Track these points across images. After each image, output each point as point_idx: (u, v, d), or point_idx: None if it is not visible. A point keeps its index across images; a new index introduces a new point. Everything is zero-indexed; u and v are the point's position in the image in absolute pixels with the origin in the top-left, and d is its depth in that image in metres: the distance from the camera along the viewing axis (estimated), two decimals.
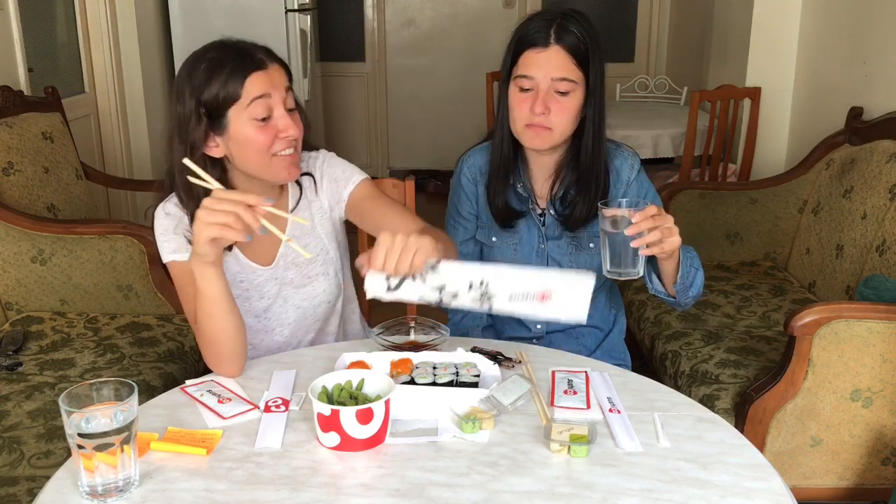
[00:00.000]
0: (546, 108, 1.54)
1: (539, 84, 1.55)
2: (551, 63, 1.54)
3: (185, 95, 1.42)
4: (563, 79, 1.54)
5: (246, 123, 1.42)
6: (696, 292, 1.57)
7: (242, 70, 1.41)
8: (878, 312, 1.77)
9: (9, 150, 2.49)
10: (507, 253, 1.75)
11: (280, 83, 1.44)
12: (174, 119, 1.45)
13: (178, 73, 1.47)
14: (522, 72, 1.56)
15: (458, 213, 1.80)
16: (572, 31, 1.54)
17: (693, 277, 1.53)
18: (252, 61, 1.42)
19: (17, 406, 1.84)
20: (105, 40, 3.60)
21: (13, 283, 2.34)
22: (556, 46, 1.54)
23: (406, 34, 5.74)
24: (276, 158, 1.45)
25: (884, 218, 2.21)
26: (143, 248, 2.34)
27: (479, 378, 1.33)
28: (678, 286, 1.52)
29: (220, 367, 1.41)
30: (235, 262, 1.57)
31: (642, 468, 1.12)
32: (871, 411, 1.83)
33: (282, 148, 1.44)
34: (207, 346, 1.40)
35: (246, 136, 1.42)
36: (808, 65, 3.34)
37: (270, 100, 1.42)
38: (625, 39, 5.64)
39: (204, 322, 1.37)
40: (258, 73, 1.42)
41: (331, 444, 1.16)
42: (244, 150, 1.44)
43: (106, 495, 1.06)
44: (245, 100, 1.41)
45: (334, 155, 1.65)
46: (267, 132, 1.43)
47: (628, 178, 1.68)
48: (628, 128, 3.72)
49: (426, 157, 5.77)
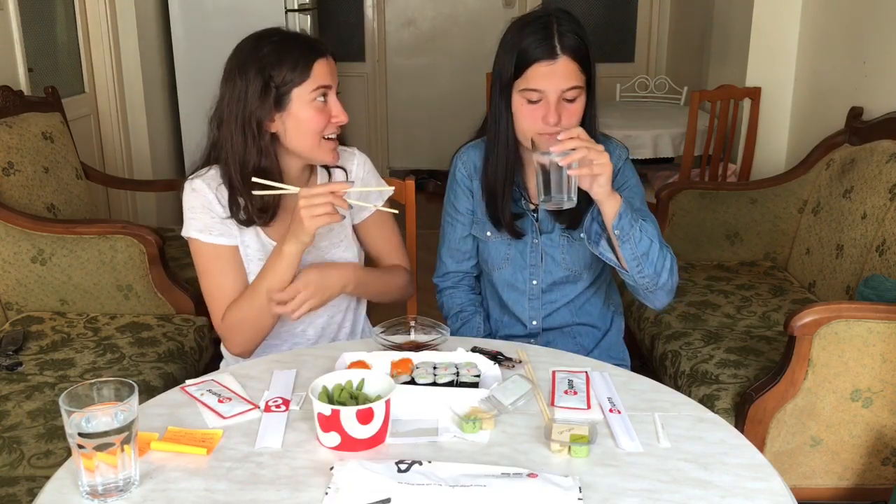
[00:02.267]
0: (559, 117, 1.54)
1: (549, 96, 1.54)
2: (561, 75, 1.53)
3: (248, 73, 1.51)
4: (572, 87, 1.54)
5: (308, 105, 1.53)
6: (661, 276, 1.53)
7: (311, 55, 1.52)
8: (878, 312, 1.77)
9: (9, 150, 2.49)
10: (502, 248, 1.76)
11: (335, 72, 1.56)
12: (229, 95, 1.54)
13: (236, 53, 1.57)
14: (531, 86, 1.55)
15: (454, 209, 1.80)
16: (572, 36, 1.54)
17: (647, 248, 1.50)
18: (317, 48, 1.55)
19: (17, 406, 1.84)
20: (105, 40, 3.60)
21: (13, 283, 2.34)
22: (564, 58, 1.53)
23: (406, 34, 5.74)
24: (325, 141, 1.56)
25: (884, 218, 2.21)
26: (143, 248, 2.34)
27: (480, 378, 1.33)
28: (626, 250, 1.49)
29: (245, 346, 1.61)
30: (257, 239, 1.62)
31: (642, 468, 1.12)
32: (871, 411, 1.83)
33: (332, 132, 1.56)
34: (249, 323, 1.56)
35: (306, 117, 1.53)
36: (808, 65, 3.34)
37: (330, 87, 1.54)
38: (625, 39, 5.64)
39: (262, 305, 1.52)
40: (323, 60, 1.54)
41: (331, 444, 1.16)
42: (299, 129, 1.54)
43: (106, 495, 1.06)
44: (312, 83, 1.52)
45: (369, 160, 1.76)
46: (323, 115, 1.54)
47: (615, 166, 1.67)
48: (628, 128, 3.72)
49: (426, 157, 5.76)
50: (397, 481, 1.06)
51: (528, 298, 1.78)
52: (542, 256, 1.74)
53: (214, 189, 1.58)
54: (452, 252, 1.84)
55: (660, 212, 2.81)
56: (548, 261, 1.73)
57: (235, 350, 1.62)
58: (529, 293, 1.77)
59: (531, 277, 1.76)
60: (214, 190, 1.58)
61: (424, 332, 1.50)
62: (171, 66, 4.05)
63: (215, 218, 1.57)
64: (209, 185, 1.58)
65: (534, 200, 1.72)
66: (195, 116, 4.02)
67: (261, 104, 1.51)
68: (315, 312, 1.66)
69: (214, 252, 1.58)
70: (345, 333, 1.76)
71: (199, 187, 1.58)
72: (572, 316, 1.79)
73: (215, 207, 1.57)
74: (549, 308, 1.78)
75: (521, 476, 1.08)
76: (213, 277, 1.59)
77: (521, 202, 1.72)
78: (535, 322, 1.79)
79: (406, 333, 1.50)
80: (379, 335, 1.47)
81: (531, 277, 1.76)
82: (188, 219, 1.58)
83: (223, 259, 1.59)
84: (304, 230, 1.44)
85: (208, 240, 1.57)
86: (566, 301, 1.77)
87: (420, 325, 1.51)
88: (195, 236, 1.57)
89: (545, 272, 1.74)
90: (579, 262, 1.73)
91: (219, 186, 1.58)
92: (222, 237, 1.58)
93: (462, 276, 1.87)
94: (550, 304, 1.77)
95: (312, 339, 1.72)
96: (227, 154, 1.54)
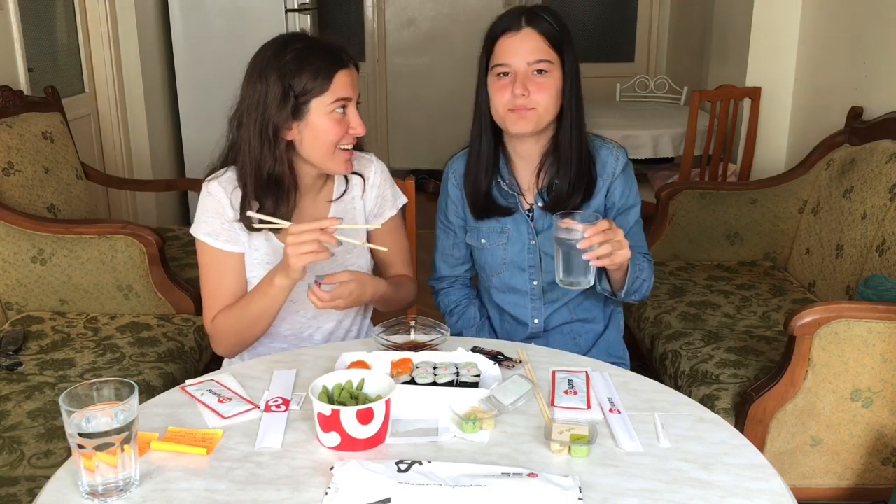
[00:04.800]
0: (525, 89, 1.57)
1: (517, 69, 1.58)
2: (525, 46, 1.58)
3: (269, 77, 1.50)
4: (539, 60, 1.58)
5: (326, 115, 1.51)
6: (639, 297, 1.66)
7: (332, 66, 1.51)
8: (878, 312, 1.77)
9: (9, 150, 2.49)
10: (498, 254, 1.76)
11: (356, 83, 1.55)
12: (249, 98, 1.53)
13: (260, 53, 1.55)
14: (499, 60, 1.59)
15: (446, 218, 1.82)
16: (542, 17, 1.60)
17: (639, 286, 1.63)
18: (339, 59, 1.52)
19: (17, 406, 1.84)
20: (105, 40, 3.59)
21: (13, 283, 2.34)
22: (528, 28, 1.58)
23: (406, 34, 5.74)
24: (339, 151, 1.55)
25: (884, 218, 2.21)
26: (143, 248, 2.34)
27: (480, 378, 1.33)
28: (622, 294, 1.61)
29: (229, 351, 1.64)
30: (267, 244, 1.62)
31: (643, 468, 1.12)
32: (871, 411, 1.83)
33: (348, 143, 1.55)
34: (235, 335, 1.59)
35: (323, 127, 1.52)
36: (808, 65, 3.34)
37: (350, 99, 1.53)
38: (625, 39, 5.64)
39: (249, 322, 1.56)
40: (345, 71, 1.52)
41: (331, 444, 1.16)
42: (315, 139, 1.53)
43: (106, 495, 1.06)
44: (331, 95, 1.51)
45: (385, 168, 1.75)
46: (341, 126, 1.53)
47: (614, 170, 1.70)
48: (628, 128, 3.72)
49: (426, 157, 5.76)
50: (397, 481, 1.06)
51: (529, 299, 1.78)
52: (540, 256, 1.74)
53: (230, 193, 1.58)
54: (446, 258, 1.86)
55: (660, 212, 2.82)
56: (546, 260, 1.73)
57: (219, 351, 1.65)
58: (531, 294, 1.77)
59: (531, 279, 1.76)
60: (230, 194, 1.58)
61: (424, 332, 1.50)
62: (171, 66, 4.05)
63: (225, 224, 1.58)
64: (225, 189, 1.58)
65: (528, 200, 1.73)
66: (195, 116, 4.06)
67: (279, 111, 1.50)
68: (327, 318, 1.69)
69: (217, 257, 1.59)
70: (351, 337, 1.77)
71: (216, 191, 1.58)
72: (571, 313, 1.79)
73: (227, 213, 1.58)
74: (551, 308, 1.78)
75: (521, 476, 1.08)
76: (211, 279, 1.61)
77: (516, 201, 1.72)
78: (538, 321, 1.79)
79: (406, 333, 1.50)
80: (379, 335, 1.47)
81: (531, 279, 1.76)
82: (199, 220, 1.59)
83: (225, 265, 1.60)
84: (292, 267, 1.42)
85: (214, 244, 1.58)
86: (567, 299, 1.77)
87: (420, 325, 1.51)
88: (202, 239, 1.59)
89: (545, 272, 1.74)
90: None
91: (234, 189, 1.58)
92: (228, 244, 1.59)
93: (455, 279, 1.89)
94: (552, 303, 1.77)
95: (319, 343, 1.73)
96: (244, 156, 1.55)
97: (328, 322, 1.72)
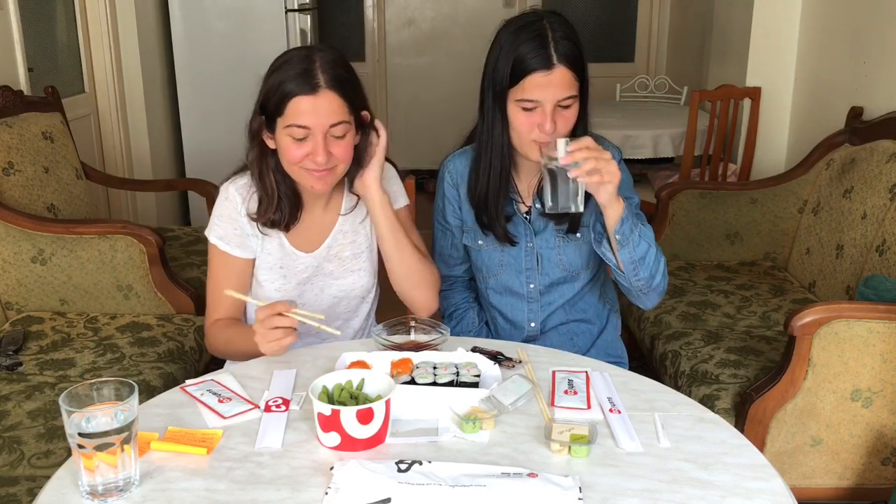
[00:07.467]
0: (554, 126, 1.53)
1: (545, 105, 1.53)
2: (557, 85, 1.52)
3: (261, 88, 1.53)
4: (567, 97, 1.54)
5: (285, 136, 1.50)
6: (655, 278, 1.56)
7: (292, 90, 1.47)
8: (878, 312, 1.77)
9: (9, 150, 2.49)
10: (496, 254, 1.75)
11: (325, 111, 1.48)
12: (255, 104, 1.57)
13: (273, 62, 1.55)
14: (528, 96, 1.53)
15: (443, 218, 1.81)
16: (567, 43, 1.53)
17: (645, 252, 1.53)
18: (306, 84, 1.47)
19: (17, 406, 1.84)
20: (105, 40, 3.59)
21: (13, 283, 2.34)
22: (560, 68, 1.52)
23: (406, 34, 5.74)
24: (304, 171, 1.52)
25: (884, 218, 2.21)
26: (143, 248, 2.34)
27: (480, 378, 1.33)
28: (624, 254, 1.52)
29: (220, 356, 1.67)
30: (279, 248, 1.64)
31: (643, 468, 1.12)
32: (871, 411, 1.83)
33: (311, 166, 1.51)
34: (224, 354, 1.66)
35: (283, 146, 1.52)
36: (808, 65, 3.34)
37: (307, 129, 1.47)
38: (625, 39, 5.64)
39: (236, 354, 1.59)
40: (302, 98, 1.47)
41: (331, 444, 1.16)
42: (281, 154, 1.55)
43: (106, 495, 1.06)
44: (284, 120, 1.49)
45: (392, 168, 1.74)
46: (300, 149, 1.49)
47: None
48: (628, 128, 3.72)
49: (426, 157, 5.76)
50: (397, 481, 1.06)
51: (526, 302, 1.77)
52: (537, 259, 1.73)
53: (247, 199, 1.60)
54: (444, 258, 1.85)
55: (660, 212, 2.81)
56: (544, 263, 1.73)
57: (212, 352, 1.70)
58: (528, 296, 1.77)
59: (528, 281, 1.75)
60: (247, 201, 1.60)
61: (424, 332, 1.50)
62: (171, 66, 4.05)
63: (237, 230, 1.61)
64: (242, 196, 1.60)
65: (526, 203, 1.72)
66: (195, 116, 4.07)
67: (260, 122, 1.54)
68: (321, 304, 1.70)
69: (226, 261, 1.62)
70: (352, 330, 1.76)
71: (233, 197, 1.60)
72: (566, 314, 1.79)
73: (241, 220, 1.60)
74: (548, 310, 1.78)
75: (521, 476, 1.08)
76: (218, 280, 1.64)
77: (513, 204, 1.72)
78: (534, 324, 1.79)
79: (406, 333, 1.50)
80: (379, 335, 1.47)
81: (528, 281, 1.75)
82: (213, 223, 1.62)
83: (233, 270, 1.63)
84: (266, 352, 1.44)
85: (224, 248, 1.62)
86: (563, 301, 1.77)
87: (420, 325, 1.51)
88: (213, 241, 1.62)
89: (542, 275, 1.74)
90: (577, 260, 1.73)
91: (252, 195, 1.60)
92: (238, 249, 1.61)
93: (454, 280, 1.89)
94: (548, 305, 1.77)
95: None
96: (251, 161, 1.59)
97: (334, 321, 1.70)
